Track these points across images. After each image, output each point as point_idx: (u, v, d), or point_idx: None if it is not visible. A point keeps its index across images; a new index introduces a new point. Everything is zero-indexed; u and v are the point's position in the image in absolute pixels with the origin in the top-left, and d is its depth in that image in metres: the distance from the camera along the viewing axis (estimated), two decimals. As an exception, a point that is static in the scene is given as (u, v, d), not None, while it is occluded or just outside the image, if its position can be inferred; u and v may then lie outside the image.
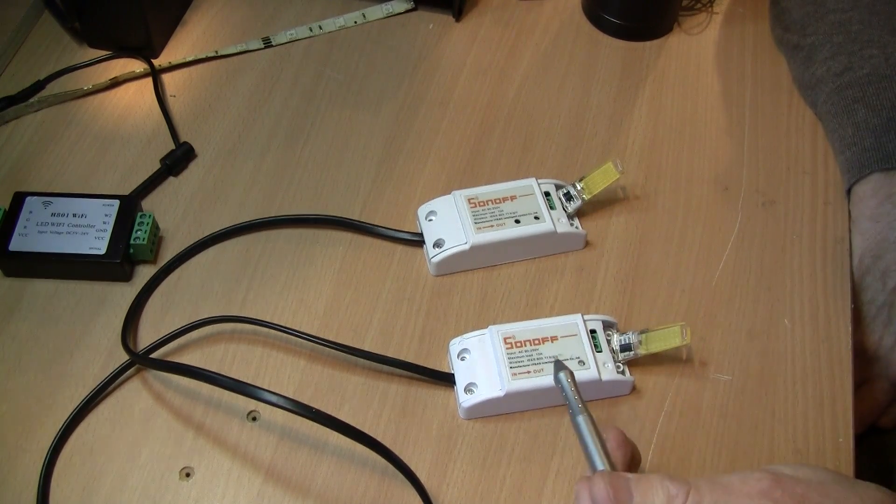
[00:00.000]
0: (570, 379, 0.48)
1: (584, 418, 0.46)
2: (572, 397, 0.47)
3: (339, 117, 0.68)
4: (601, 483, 0.42)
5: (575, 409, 0.47)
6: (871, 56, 0.64)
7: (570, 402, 0.47)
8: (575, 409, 0.47)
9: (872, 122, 0.62)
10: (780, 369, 0.56)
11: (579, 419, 0.46)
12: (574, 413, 0.46)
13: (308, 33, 0.74)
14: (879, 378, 0.60)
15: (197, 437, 0.53)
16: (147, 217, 0.59)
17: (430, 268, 0.60)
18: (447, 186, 0.64)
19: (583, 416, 0.46)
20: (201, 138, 0.67)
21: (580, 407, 0.46)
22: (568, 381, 0.48)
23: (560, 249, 0.61)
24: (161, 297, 0.59)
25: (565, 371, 0.48)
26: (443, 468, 0.52)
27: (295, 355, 0.56)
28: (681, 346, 0.54)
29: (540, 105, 0.70)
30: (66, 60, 0.71)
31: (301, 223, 0.62)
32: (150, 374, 0.55)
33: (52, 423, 0.53)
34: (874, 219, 0.61)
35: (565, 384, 0.48)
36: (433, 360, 0.56)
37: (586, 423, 0.46)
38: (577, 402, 0.47)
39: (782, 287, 0.60)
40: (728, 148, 0.67)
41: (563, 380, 0.48)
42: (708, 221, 0.63)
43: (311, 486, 0.51)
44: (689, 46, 0.74)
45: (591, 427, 0.46)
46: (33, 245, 0.58)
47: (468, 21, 0.76)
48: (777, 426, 0.54)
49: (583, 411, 0.46)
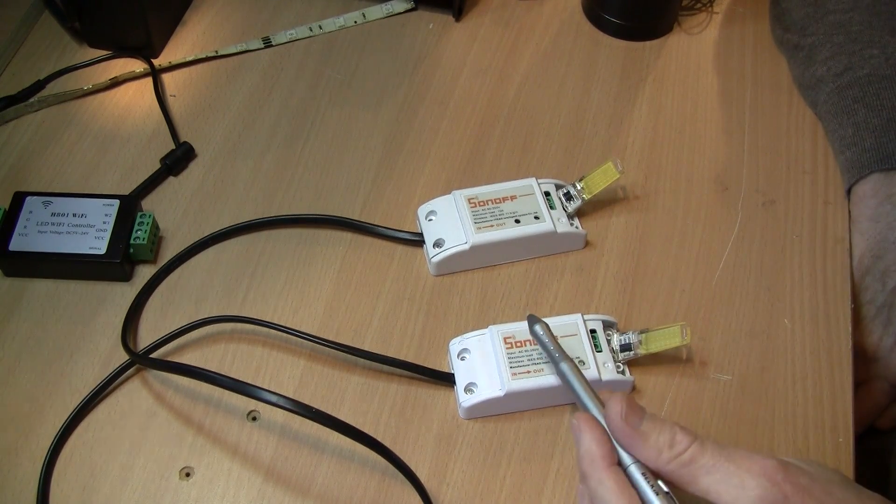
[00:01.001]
0: (544, 330, 0.49)
1: (566, 365, 0.47)
2: (550, 347, 0.48)
3: (338, 117, 0.68)
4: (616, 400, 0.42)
5: (555, 358, 0.47)
6: (871, 56, 0.64)
7: (549, 353, 0.48)
8: (555, 357, 0.48)
9: (872, 123, 0.62)
10: (780, 369, 0.56)
11: (563, 366, 0.47)
12: (556, 362, 0.47)
13: (308, 33, 0.74)
14: (879, 378, 0.60)
15: (197, 437, 0.53)
16: (147, 217, 0.59)
17: (430, 268, 0.60)
18: (447, 186, 0.64)
19: (566, 364, 0.47)
20: (201, 138, 0.67)
21: (559, 355, 0.47)
22: (543, 332, 0.49)
23: (560, 249, 0.61)
24: (161, 297, 0.59)
25: (540, 323, 0.49)
26: (443, 468, 0.52)
27: (295, 355, 0.56)
28: (681, 345, 0.54)
29: (540, 105, 0.70)
30: (66, 60, 0.71)
31: (301, 223, 0.62)
32: (150, 374, 0.55)
33: (52, 423, 0.53)
34: (874, 219, 0.61)
35: (541, 336, 0.49)
36: (433, 360, 0.56)
37: (570, 368, 0.47)
38: (556, 350, 0.48)
39: (782, 287, 0.60)
40: (728, 148, 0.67)
41: (539, 332, 0.49)
42: (708, 221, 0.63)
43: (311, 486, 0.51)
44: (689, 46, 0.74)
45: (575, 371, 0.47)
46: (33, 245, 0.58)
47: (468, 21, 0.75)
48: (777, 426, 0.54)
49: (564, 358, 0.47)
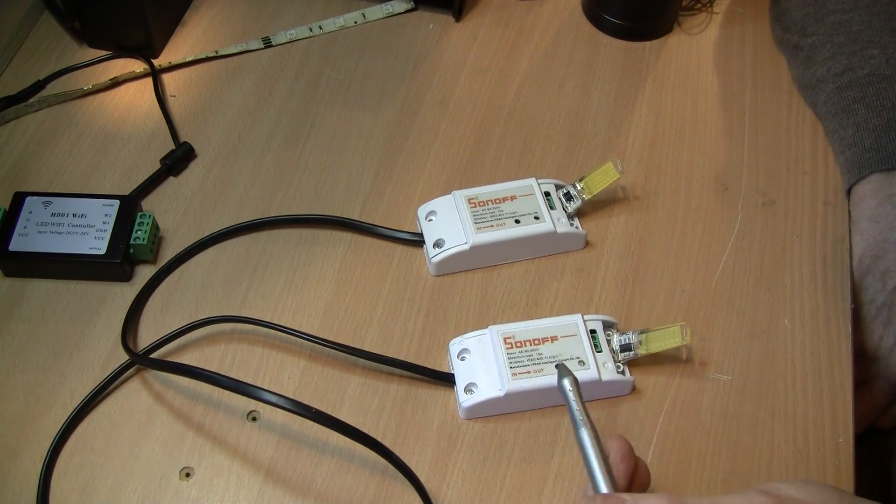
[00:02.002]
0: (573, 387, 0.44)
1: (586, 432, 0.43)
2: (575, 408, 0.44)
3: (339, 117, 0.68)
4: None
5: (577, 422, 0.43)
6: (871, 56, 0.64)
7: (572, 413, 0.44)
8: (577, 421, 0.43)
9: (872, 123, 0.62)
10: (780, 369, 0.56)
11: (582, 433, 0.43)
12: (577, 426, 0.43)
13: (308, 33, 0.74)
14: (879, 378, 0.60)
15: (197, 437, 0.53)
16: (147, 217, 0.59)
17: (430, 268, 0.60)
18: (447, 186, 0.64)
19: (585, 430, 0.43)
20: (201, 138, 0.67)
21: (582, 419, 0.43)
22: (570, 390, 0.44)
23: (560, 249, 0.61)
24: (161, 297, 0.59)
25: (569, 378, 0.45)
26: (443, 468, 0.52)
27: (295, 355, 0.56)
28: (681, 346, 0.54)
29: (540, 105, 0.70)
30: (66, 60, 0.71)
31: (301, 223, 0.62)
32: (150, 374, 0.55)
33: (52, 423, 0.53)
34: (874, 219, 0.61)
35: (568, 393, 0.44)
36: (433, 360, 0.56)
37: (589, 437, 0.42)
38: (580, 412, 0.43)
39: (782, 287, 0.60)
40: (728, 148, 0.67)
41: (566, 388, 0.45)
42: (708, 221, 0.63)
43: (311, 486, 0.51)
44: (689, 46, 0.74)
45: (593, 442, 0.42)
46: (33, 245, 0.58)
47: (468, 21, 0.75)
48: (777, 426, 0.54)
49: (585, 424, 0.43)
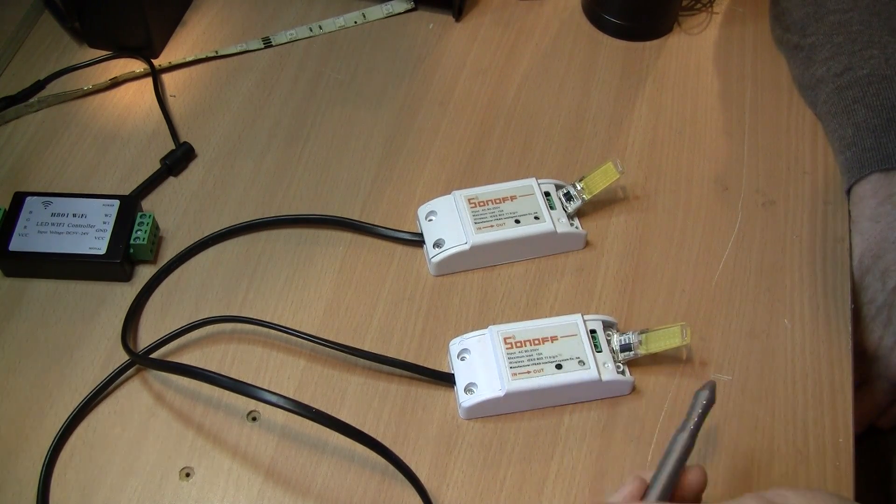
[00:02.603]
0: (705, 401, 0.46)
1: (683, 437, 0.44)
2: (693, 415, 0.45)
3: (339, 117, 0.68)
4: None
5: (684, 425, 0.45)
6: (871, 56, 0.64)
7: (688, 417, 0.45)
8: (685, 423, 0.45)
9: (872, 123, 0.62)
10: (780, 369, 0.56)
11: (680, 436, 0.44)
12: (681, 428, 0.45)
13: (308, 33, 0.74)
14: (879, 378, 0.60)
15: (197, 437, 0.53)
16: (147, 217, 0.59)
17: (430, 268, 0.60)
18: (447, 186, 0.64)
19: (684, 435, 0.44)
20: (201, 138, 0.67)
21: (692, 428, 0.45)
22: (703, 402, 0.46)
23: (560, 249, 0.61)
24: (161, 297, 0.59)
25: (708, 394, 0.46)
26: (443, 468, 0.52)
27: (295, 355, 0.56)
28: (681, 346, 0.54)
29: (540, 105, 0.70)
30: (66, 60, 0.71)
31: (301, 223, 0.62)
32: (150, 374, 0.55)
33: (52, 423, 0.53)
34: (874, 219, 0.61)
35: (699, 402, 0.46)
36: (433, 360, 0.56)
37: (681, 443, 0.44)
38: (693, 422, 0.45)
39: (782, 287, 0.60)
40: (728, 148, 0.67)
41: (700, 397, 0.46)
42: (708, 221, 0.63)
43: (311, 486, 0.51)
44: (689, 46, 0.74)
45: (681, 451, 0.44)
46: (33, 245, 0.58)
47: (468, 21, 0.75)
48: (777, 426, 0.54)
49: (689, 431, 0.45)
